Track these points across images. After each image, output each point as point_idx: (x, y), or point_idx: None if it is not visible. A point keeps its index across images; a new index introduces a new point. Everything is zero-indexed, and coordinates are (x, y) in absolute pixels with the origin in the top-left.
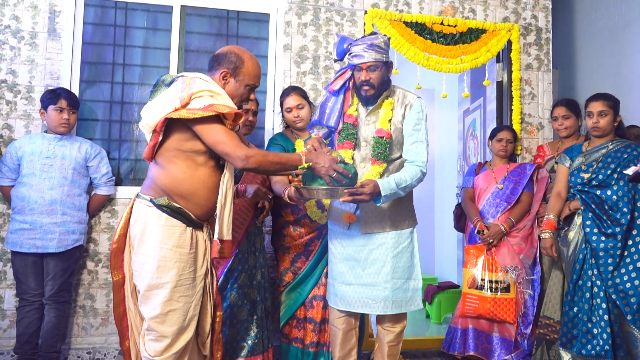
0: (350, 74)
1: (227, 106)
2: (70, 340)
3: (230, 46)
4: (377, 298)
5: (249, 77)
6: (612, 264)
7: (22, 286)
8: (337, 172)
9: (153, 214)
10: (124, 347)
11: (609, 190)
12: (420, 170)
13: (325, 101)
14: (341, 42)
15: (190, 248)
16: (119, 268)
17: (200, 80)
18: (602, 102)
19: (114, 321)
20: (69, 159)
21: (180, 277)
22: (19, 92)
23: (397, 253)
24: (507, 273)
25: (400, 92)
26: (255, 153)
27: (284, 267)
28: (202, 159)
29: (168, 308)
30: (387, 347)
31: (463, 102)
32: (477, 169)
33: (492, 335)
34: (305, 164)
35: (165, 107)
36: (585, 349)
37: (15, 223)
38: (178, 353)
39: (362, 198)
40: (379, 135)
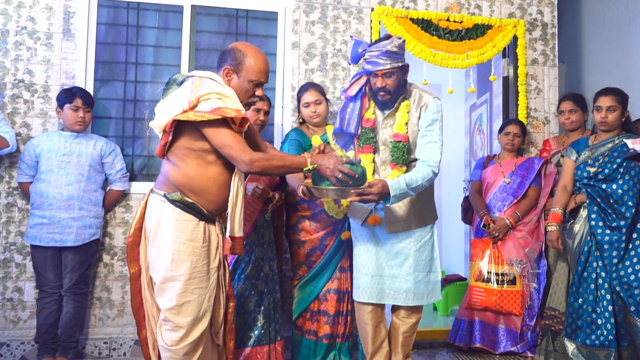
0: (366, 79)
1: (234, 110)
2: (88, 331)
3: (237, 42)
4: (399, 290)
5: (252, 73)
6: (616, 257)
7: (41, 279)
8: (343, 172)
9: (167, 209)
10: (141, 336)
11: (614, 184)
12: (432, 170)
13: (343, 107)
14: (355, 46)
15: (203, 242)
16: (135, 261)
17: (209, 82)
18: (611, 97)
19: (129, 312)
20: (85, 156)
21: (193, 270)
22: (36, 91)
23: (419, 247)
24: (513, 266)
25: (416, 92)
26: (259, 158)
27: (299, 260)
28: (212, 158)
29: (183, 300)
30: (402, 337)
31: (469, 97)
32: (485, 162)
33: (498, 327)
34: (310, 166)
35: (174, 108)
36: (590, 339)
37: (34, 218)
38: (193, 343)
39: (370, 198)
40: (395, 139)
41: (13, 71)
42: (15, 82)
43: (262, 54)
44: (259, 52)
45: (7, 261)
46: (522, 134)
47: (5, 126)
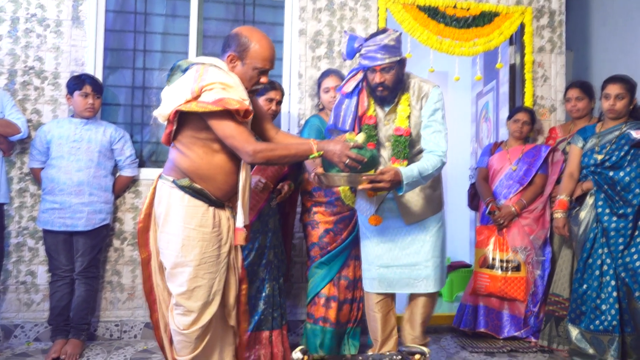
0: (363, 75)
1: (237, 101)
2: (99, 314)
3: (241, 27)
4: (419, 277)
5: (257, 60)
6: (622, 244)
7: (54, 262)
8: (351, 158)
9: (176, 195)
10: (153, 319)
11: (621, 172)
12: (441, 159)
13: (338, 104)
14: (350, 41)
15: (213, 227)
16: (145, 246)
17: (213, 70)
18: (619, 84)
19: (139, 296)
20: (95, 142)
21: (203, 255)
22: (46, 78)
23: (434, 232)
24: (517, 253)
25: (415, 83)
26: (262, 148)
27: (312, 241)
28: (218, 146)
29: (194, 285)
30: (421, 322)
31: (476, 84)
32: (492, 149)
33: (502, 312)
34: (316, 153)
35: (177, 98)
36: (594, 324)
37: (45, 203)
38: (204, 327)
39: (382, 186)
40: (397, 133)
41: (23, 58)
42: (25, 69)
43: (268, 39)
44: (264, 38)
45: (20, 245)
46: (531, 122)
47: (17, 112)
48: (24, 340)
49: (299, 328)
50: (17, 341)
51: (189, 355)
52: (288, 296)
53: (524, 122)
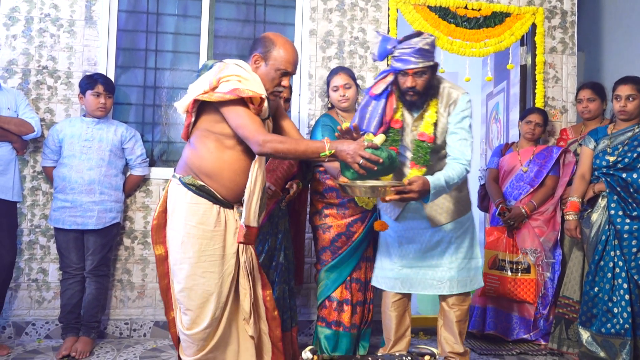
0: (394, 78)
1: (251, 90)
2: (109, 312)
3: (269, 32)
4: (443, 278)
5: (279, 61)
6: (636, 246)
7: (65, 260)
8: (364, 158)
9: (180, 192)
10: (169, 317)
11: (634, 173)
12: (465, 168)
13: (365, 105)
14: (383, 42)
15: (215, 225)
16: (162, 243)
17: (233, 66)
18: (631, 85)
19: (149, 294)
20: (106, 142)
21: (203, 253)
22: (59, 77)
23: (460, 234)
24: (527, 255)
25: (444, 89)
26: (272, 139)
27: (323, 245)
28: (231, 143)
29: (191, 282)
30: (457, 324)
31: (486, 85)
32: (503, 150)
33: (511, 314)
34: (327, 152)
35: (197, 89)
36: (605, 327)
37: (57, 201)
38: (207, 328)
39: (410, 197)
40: (420, 139)
41: (37, 58)
42: (39, 69)
43: (292, 44)
44: (289, 43)
45: (32, 243)
46: (544, 123)
47: (30, 112)
48: (35, 337)
49: (307, 328)
50: (28, 338)
51: (192, 356)
52: (297, 297)
53: (537, 123)
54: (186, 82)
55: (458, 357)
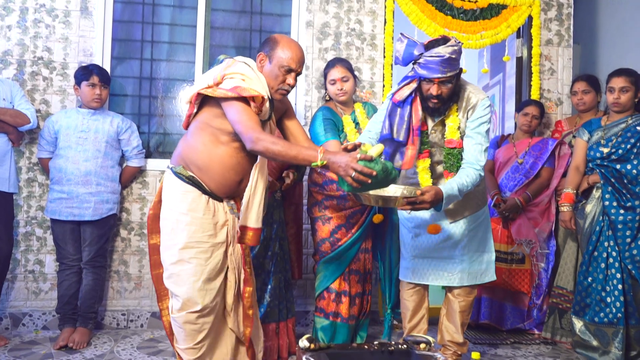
0: (418, 84)
1: (253, 89)
2: (106, 303)
3: (275, 34)
4: (454, 270)
5: (283, 60)
6: (630, 236)
7: (61, 251)
8: (357, 171)
9: (172, 182)
10: (163, 306)
11: (628, 165)
12: (479, 174)
13: (390, 113)
14: (410, 47)
15: (204, 213)
16: (157, 232)
17: (240, 64)
18: (624, 78)
19: (146, 285)
20: (102, 133)
21: (191, 239)
22: (55, 68)
23: (473, 227)
24: (522, 246)
25: (465, 93)
26: (265, 137)
27: (322, 237)
28: (226, 139)
29: (179, 268)
30: (460, 315)
31: (482, 77)
32: (499, 142)
33: (505, 304)
34: (319, 162)
35: (203, 82)
36: (598, 316)
37: (53, 193)
38: (195, 315)
39: (422, 207)
40: (450, 146)
41: (32, 48)
42: (34, 60)
43: (296, 43)
44: (293, 42)
45: (28, 235)
46: (541, 116)
47: (26, 103)
48: (32, 328)
49: (304, 319)
50: (25, 329)
51: (183, 345)
52: (294, 287)
53: (534, 116)
54: (182, 74)
55: (456, 347)
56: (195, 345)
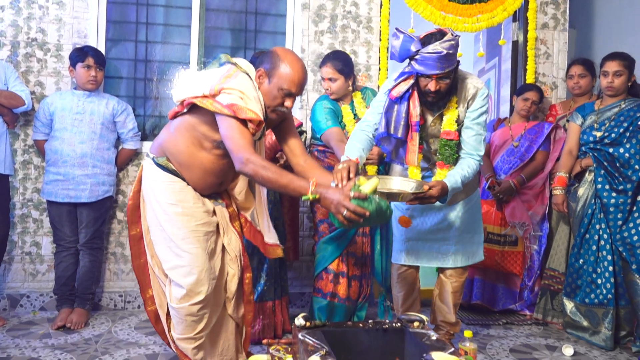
0: (415, 80)
1: (249, 110)
2: (103, 284)
3: (279, 47)
4: (448, 252)
5: (283, 81)
6: (621, 219)
7: (58, 233)
8: (349, 210)
9: (155, 172)
10: (146, 294)
11: (621, 148)
12: (479, 163)
13: (388, 110)
14: (406, 42)
15: (194, 202)
16: (137, 223)
17: (241, 78)
18: (618, 61)
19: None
20: (98, 115)
21: (188, 229)
22: (49, 50)
23: (467, 209)
24: (515, 228)
25: (462, 83)
26: (256, 160)
27: (321, 217)
28: (209, 145)
29: (184, 259)
30: (453, 296)
31: (478, 61)
32: (495, 125)
33: (497, 285)
34: (310, 195)
35: (197, 88)
36: (589, 297)
37: (49, 175)
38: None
39: (429, 201)
40: (447, 137)
41: (26, 30)
42: (28, 41)
43: (300, 64)
44: (297, 62)
45: (24, 217)
46: (540, 101)
47: (20, 84)
48: (30, 309)
49: (299, 300)
50: (23, 310)
51: (181, 334)
52: (289, 269)
53: (533, 101)
54: (178, 56)
55: (449, 327)
56: (195, 335)
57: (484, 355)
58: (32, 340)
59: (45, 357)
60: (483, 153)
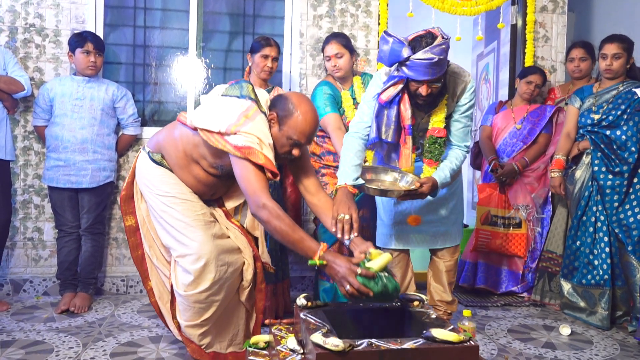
0: (405, 84)
1: (265, 157)
2: (106, 269)
3: (294, 93)
4: (438, 233)
5: (293, 131)
6: (617, 201)
7: (60, 219)
8: (353, 287)
9: (150, 167)
10: (147, 287)
11: (618, 131)
12: (466, 153)
13: (378, 114)
14: (397, 46)
15: (190, 193)
16: (131, 213)
17: (260, 121)
18: (617, 44)
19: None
20: (97, 100)
21: (189, 216)
22: (47, 36)
23: (453, 190)
24: (519, 211)
25: (450, 78)
26: (271, 208)
27: None
28: (206, 164)
29: (183, 245)
30: (447, 275)
31: (477, 45)
32: (497, 108)
33: (501, 268)
34: (317, 261)
35: (214, 122)
36: (586, 278)
37: (50, 160)
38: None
39: (419, 196)
40: (437, 135)
41: (24, 15)
42: (26, 27)
43: (313, 115)
44: (310, 113)
45: (26, 203)
46: (543, 84)
47: (19, 70)
48: (33, 294)
49: (300, 284)
50: (26, 295)
51: (188, 321)
52: (290, 253)
53: (537, 84)
54: (176, 41)
55: (446, 306)
56: (202, 322)
57: (483, 335)
58: (37, 323)
59: (49, 339)
60: (469, 143)
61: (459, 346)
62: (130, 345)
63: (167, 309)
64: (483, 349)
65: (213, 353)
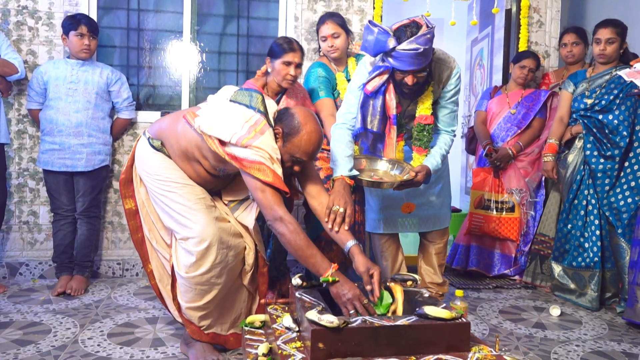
0: (390, 73)
1: (274, 175)
2: (102, 253)
3: (301, 108)
4: (426, 217)
5: (296, 150)
6: (608, 184)
7: (55, 202)
8: (357, 311)
9: (149, 150)
10: (147, 269)
11: (610, 115)
12: (453, 137)
13: (363, 104)
14: (382, 37)
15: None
16: (131, 197)
17: (268, 136)
18: (610, 29)
19: None
20: (92, 84)
21: (190, 199)
22: (40, 18)
23: (440, 174)
24: (512, 195)
25: (436, 64)
26: (288, 222)
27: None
28: (208, 164)
29: (186, 232)
30: (436, 257)
31: (472, 31)
32: (492, 93)
33: (493, 251)
34: (330, 278)
35: (222, 130)
36: (576, 261)
37: (45, 144)
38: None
39: (414, 185)
40: (424, 122)
41: None
42: (18, 9)
43: (318, 135)
44: (315, 132)
45: (21, 186)
46: (537, 68)
47: (13, 52)
48: (29, 277)
49: (295, 267)
50: (22, 278)
51: (189, 303)
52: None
53: (530, 69)
54: (171, 25)
55: (437, 287)
56: (203, 305)
57: (475, 316)
58: (34, 305)
59: (47, 321)
60: (456, 128)
61: (451, 323)
62: (127, 326)
63: (167, 292)
64: (474, 329)
65: (212, 334)
